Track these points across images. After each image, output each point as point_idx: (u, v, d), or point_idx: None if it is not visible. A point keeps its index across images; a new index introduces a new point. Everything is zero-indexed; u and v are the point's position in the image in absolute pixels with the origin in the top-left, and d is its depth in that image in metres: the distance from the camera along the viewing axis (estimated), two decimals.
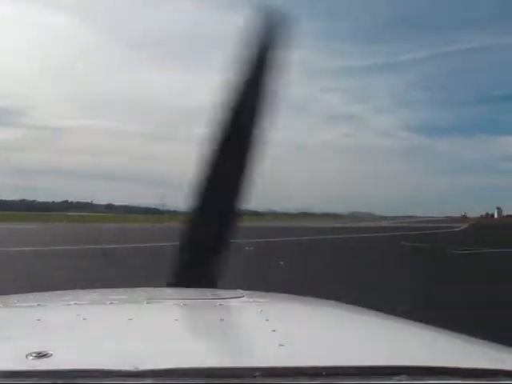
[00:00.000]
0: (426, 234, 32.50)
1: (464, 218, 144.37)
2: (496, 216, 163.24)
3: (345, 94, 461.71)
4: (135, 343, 0.87)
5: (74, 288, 1.74)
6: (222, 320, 1.07)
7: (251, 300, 1.39)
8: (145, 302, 1.28)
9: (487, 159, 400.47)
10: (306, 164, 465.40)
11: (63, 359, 0.74)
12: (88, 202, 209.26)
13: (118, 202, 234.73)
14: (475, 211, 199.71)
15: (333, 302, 1.51)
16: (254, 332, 1.01)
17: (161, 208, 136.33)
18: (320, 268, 11.56)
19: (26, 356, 0.73)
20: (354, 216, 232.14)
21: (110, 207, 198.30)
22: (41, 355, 0.73)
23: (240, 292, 1.44)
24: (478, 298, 8.04)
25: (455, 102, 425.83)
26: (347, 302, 1.43)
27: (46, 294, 1.54)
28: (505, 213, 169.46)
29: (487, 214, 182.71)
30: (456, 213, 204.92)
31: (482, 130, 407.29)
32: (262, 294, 1.57)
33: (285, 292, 1.68)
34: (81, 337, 0.92)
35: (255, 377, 0.68)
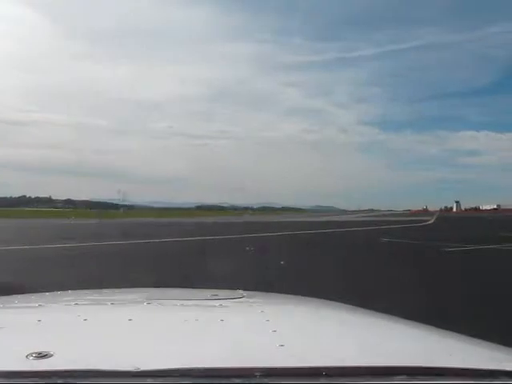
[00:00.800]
0: (401, 229, 30.00)
1: (425, 211, 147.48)
2: (455, 209, 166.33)
3: (305, 88, 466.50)
4: (135, 343, 0.88)
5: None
6: (222, 320, 1.08)
7: (252, 300, 1.43)
8: (145, 303, 1.30)
9: (444, 154, 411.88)
10: (268, 158, 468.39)
11: (64, 360, 0.75)
12: (47, 198, 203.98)
13: (77, 197, 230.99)
14: (433, 205, 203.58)
15: (333, 302, 1.54)
16: (254, 332, 1.02)
17: (119, 203, 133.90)
18: (313, 275, 9.34)
19: (27, 356, 0.74)
20: (316, 210, 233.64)
21: (69, 202, 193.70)
22: (41, 356, 0.75)
23: (240, 292, 1.47)
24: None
25: (412, 98, 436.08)
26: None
27: (47, 294, 1.55)
28: (462, 206, 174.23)
29: (446, 208, 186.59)
30: (414, 206, 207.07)
31: (438, 125, 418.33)
32: (263, 294, 1.61)
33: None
34: (81, 337, 0.92)
35: (256, 377, 0.69)
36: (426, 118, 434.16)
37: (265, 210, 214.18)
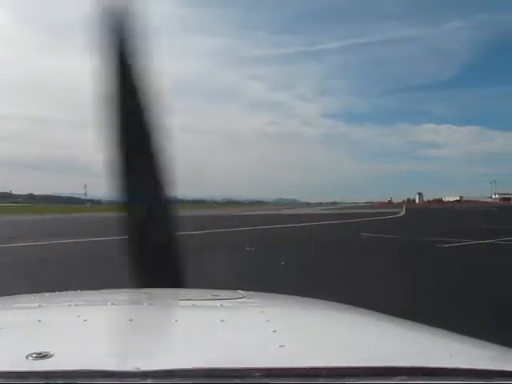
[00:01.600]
0: (376, 222, 27.99)
1: (390, 203, 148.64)
2: (417, 201, 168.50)
3: (268, 81, 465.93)
4: (136, 344, 0.87)
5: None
6: (222, 321, 1.06)
7: (252, 301, 1.42)
8: (145, 303, 1.31)
9: (406, 146, 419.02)
10: (231, 152, 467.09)
11: (64, 360, 0.74)
12: (7, 193, 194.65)
13: (39, 191, 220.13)
14: (396, 196, 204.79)
15: (333, 302, 1.52)
16: (254, 333, 1.01)
17: (83, 197, 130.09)
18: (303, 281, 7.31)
19: (27, 357, 0.74)
20: (279, 203, 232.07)
21: (30, 197, 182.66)
22: (41, 356, 0.74)
23: (240, 293, 1.46)
24: None
25: (375, 91, 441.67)
26: None
27: (47, 294, 1.54)
28: (425, 198, 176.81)
29: (408, 199, 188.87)
30: (377, 198, 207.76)
31: (400, 118, 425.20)
32: (263, 294, 1.59)
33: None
34: (81, 337, 0.91)
35: (256, 377, 0.69)
36: (388, 111, 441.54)
37: (229, 203, 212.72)
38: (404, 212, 46.13)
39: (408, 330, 1.18)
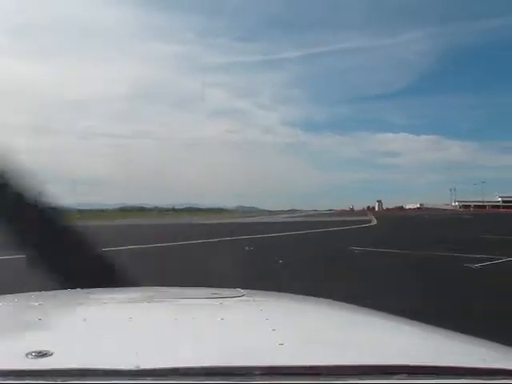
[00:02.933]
0: (354, 232, 25.03)
1: (351, 211, 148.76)
2: (377, 209, 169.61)
3: (229, 89, 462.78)
4: (136, 342, 0.86)
5: None
6: (222, 319, 1.06)
7: (251, 299, 1.40)
8: (145, 302, 1.31)
9: (364, 155, 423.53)
10: (192, 159, 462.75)
11: (64, 358, 0.74)
12: None
13: None
14: (355, 204, 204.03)
15: (333, 301, 1.52)
16: (253, 331, 1.01)
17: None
18: None
19: (27, 355, 0.73)
20: (240, 210, 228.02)
21: None
22: (41, 354, 0.74)
23: (240, 291, 1.46)
24: None
25: (333, 100, 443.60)
26: None
27: (47, 293, 1.53)
28: (384, 205, 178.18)
29: (368, 207, 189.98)
30: (337, 206, 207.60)
31: (358, 127, 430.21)
32: (262, 293, 1.58)
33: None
34: (81, 336, 0.91)
35: (255, 375, 0.68)
36: (346, 120, 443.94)
37: (189, 210, 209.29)
38: (375, 221, 42.46)
39: (408, 329, 1.18)
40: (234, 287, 1.56)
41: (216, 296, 1.38)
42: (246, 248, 14.18)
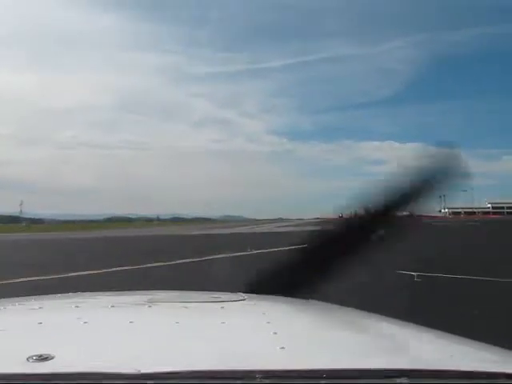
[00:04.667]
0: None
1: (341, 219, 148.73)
2: None
3: (214, 99, 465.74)
4: (136, 346, 0.86)
5: None
6: (223, 323, 1.07)
7: (252, 303, 1.40)
8: (146, 305, 1.28)
9: (350, 163, 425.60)
10: (177, 169, 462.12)
11: (64, 362, 0.73)
12: None
13: None
14: (344, 213, 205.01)
15: (334, 305, 1.50)
16: (255, 335, 1.00)
17: (19, 215, 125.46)
18: None
19: (28, 359, 0.73)
20: (226, 220, 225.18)
21: None
22: (42, 358, 0.73)
23: (241, 295, 1.45)
24: None
25: (319, 109, 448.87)
26: None
27: (48, 297, 1.53)
28: None
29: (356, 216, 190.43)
30: (321, 215, 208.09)
31: (344, 135, 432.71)
32: (264, 296, 1.54)
33: None
34: (82, 340, 0.90)
35: (256, 379, 0.68)
36: (332, 128, 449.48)
37: (174, 220, 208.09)
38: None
39: (409, 332, 1.18)
40: None
41: (217, 300, 1.38)
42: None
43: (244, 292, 1.54)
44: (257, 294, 1.54)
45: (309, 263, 1.60)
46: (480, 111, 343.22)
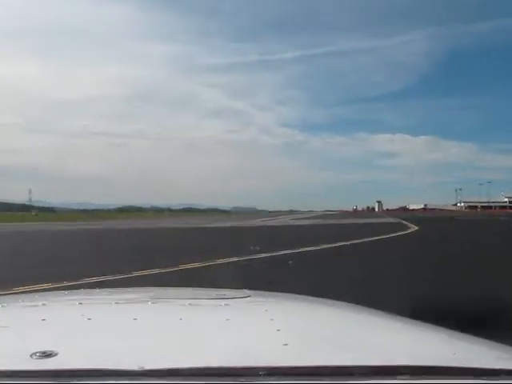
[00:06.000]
0: (412, 245, 16.69)
1: (355, 212, 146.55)
2: (377, 209, 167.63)
3: (227, 90, 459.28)
4: (140, 343, 0.86)
5: None
6: (227, 320, 1.06)
7: (257, 300, 1.42)
8: (150, 302, 1.28)
9: (362, 155, 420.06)
10: (189, 160, 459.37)
11: (68, 359, 0.74)
12: None
13: None
14: (355, 205, 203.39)
15: (337, 301, 1.52)
16: (258, 331, 1.00)
17: (28, 203, 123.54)
18: None
19: (31, 356, 0.74)
20: (238, 211, 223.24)
21: None
22: (46, 355, 0.74)
23: (246, 292, 1.46)
24: None
25: (331, 101, 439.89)
26: None
27: (51, 293, 1.61)
28: (385, 206, 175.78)
29: (368, 208, 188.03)
30: (334, 207, 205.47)
31: (356, 128, 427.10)
32: (268, 293, 1.60)
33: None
34: (86, 336, 0.91)
35: (260, 376, 0.68)
36: (344, 121, 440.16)
37: (189, 210, 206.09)
38: (412, 224, 31.42)
39: (412, 329, 1.18)
40: None
41: (221, 297, 1.39)
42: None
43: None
44: None
45: None
46: (494, 105, 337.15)
